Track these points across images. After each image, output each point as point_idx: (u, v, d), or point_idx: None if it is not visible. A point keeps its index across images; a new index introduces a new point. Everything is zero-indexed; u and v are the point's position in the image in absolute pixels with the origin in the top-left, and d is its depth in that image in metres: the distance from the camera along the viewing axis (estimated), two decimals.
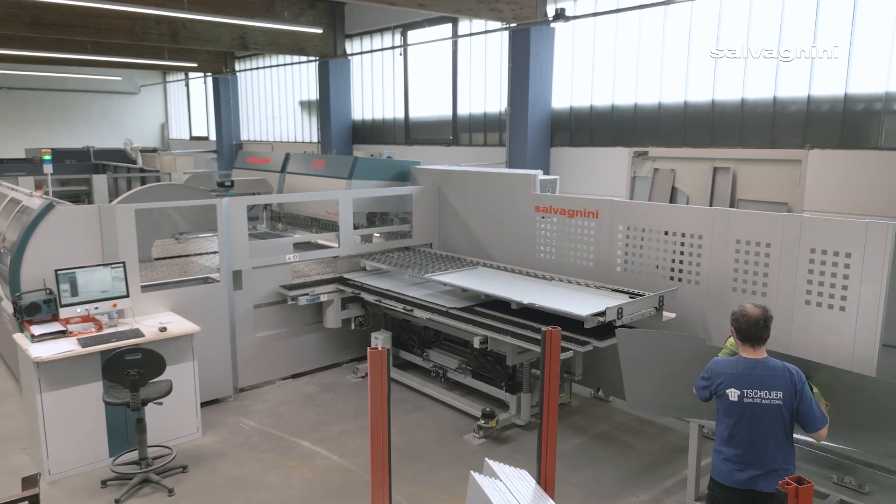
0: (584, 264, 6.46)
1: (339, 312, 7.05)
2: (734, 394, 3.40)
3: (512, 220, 7.09)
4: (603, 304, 5.21)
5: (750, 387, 3.38)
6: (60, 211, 5.45)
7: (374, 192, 7.86)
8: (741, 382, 3.40)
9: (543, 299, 5.49)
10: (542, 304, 5.33)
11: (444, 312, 5.91)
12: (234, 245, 6.49)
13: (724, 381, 3.45)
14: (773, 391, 3.36)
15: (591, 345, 4.94)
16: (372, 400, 2.72)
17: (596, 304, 5.26)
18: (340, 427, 5.97)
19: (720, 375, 3.49)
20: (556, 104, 10.67)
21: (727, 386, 3.43)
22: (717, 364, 3.58)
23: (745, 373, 3.42)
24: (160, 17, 12.51)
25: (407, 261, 7.11)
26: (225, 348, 6.49)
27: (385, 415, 2.75)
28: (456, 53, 12.75)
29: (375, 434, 2.74)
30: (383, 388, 2.73)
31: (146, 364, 4.66)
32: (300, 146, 17.51)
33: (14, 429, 5.89)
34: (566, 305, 5.24)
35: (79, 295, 5.21)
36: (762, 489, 3.37)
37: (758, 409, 3.36)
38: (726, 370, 3.48)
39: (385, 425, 2.75)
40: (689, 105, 8.98)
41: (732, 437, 3.44)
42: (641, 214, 5.98)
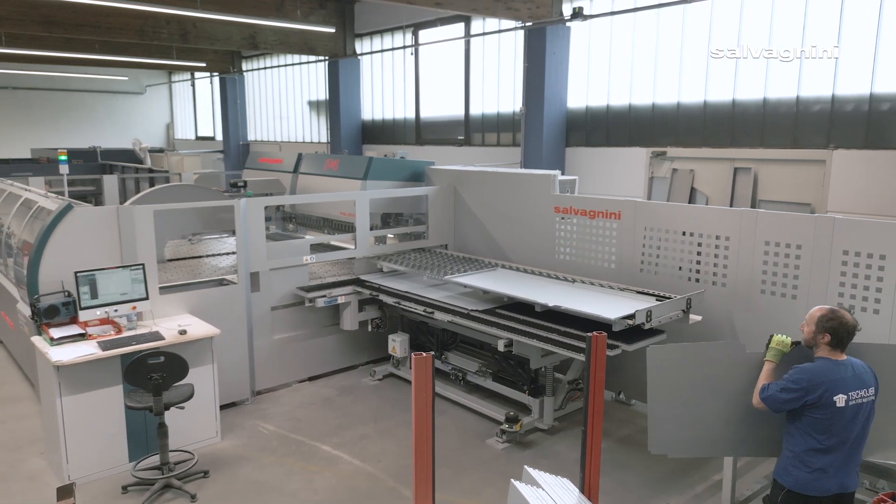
0: (605, 266, 6.38)
1: (357, 314, 6.97)
2: (842, 399, 3.28)
3: (530, 220, 7.01)
4: (630, 307, 5.14)
5: (855, 388, 3.30)
6: (79, 212, 5.38)
7: (391, 192, 7.78)
8: (846, 386, 3.30)
9: (568, 301, 5.40)
10: (567, 306, 5.25)
11: (465, 315, 5.83)
12: (251, 246, 6.42)
13: (828, 389, 3.29)
14: (871, 388, 3.35)
15: (620, 348, 4.86)
16: (416, 408, 2.63)
17: (622, 307, 5.18)
18: (360, 431, 5.90)
19: (820, 384, 3.30)
20: (572, 104, 10.58)
21: (833, 392, 3.29)
22: (812, 373, 3.35)
23: (847, 375, 3.32)
24: (170, 17, 12.43)
25: (424, 262, 7.03)
26: (242, 351, 6.42)
27: (430, 423, 2.66)
28: (468, 53, 12.66)
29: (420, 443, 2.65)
30: (428, 396, 2.64)
31: (169, 368, 4.58)
32: (308, 146, 17.43)
33: (29, 432, 5.82)
34: (593, 308, 5.16)
35: (98, 297, 5.13)
36: (849, 489, 3.33)
37: (860, 409, 3.32)
38: (827, 377, 3.31)
39: (429, 434, 2.67)
40: (708, 105, 8.88)
41: (831, 445, 3.33)
42: (666, 215, 5.90)
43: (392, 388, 6.86)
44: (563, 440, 5.73)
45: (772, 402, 3.44)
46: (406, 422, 6.05)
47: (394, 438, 5.74)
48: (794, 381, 3.36)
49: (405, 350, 6.93)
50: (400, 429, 5.93)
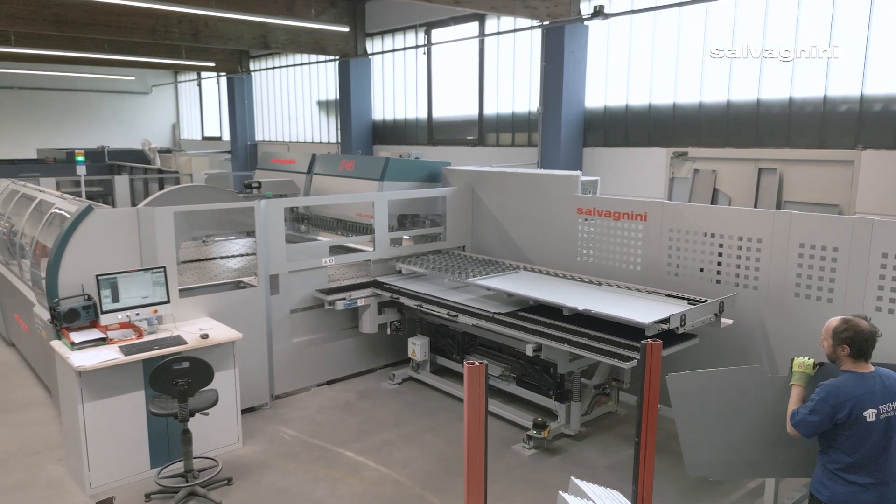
0: (630, 268, 6.28)
1: (376, 317, 6.87)
2: (872, 414, 3.20)
3: (552, 222, 6.91)
4: (662, 310, 5.04)
5: (885, 401, 3.22)
6: (99, 214, 5.28)
7: (410, 193, 7.68)
8: (875, 399, 3.22)
9: (597, 305, 5.30)
10: (598, 310, 5.14)
11: (490, 318, 5.72)
12: (271, 248, 6.32)
13: (856, 404, 3.21)
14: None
15: None
16: (469, 420, 2.52)
17: (654, 311, 5.08)
18: (383, 436, 5.79)
19: (848, 400, 3.21)
20: (589, 103, 10.45)
21: (863, 408, 3.20)
22: (838, 390, 3.26)
23: (875, 388, 3.23)
24: (182, 16, 12.32)
25: (444, 264, 6.93)
26: (261, 355, 6.31)
27: (482, 435, 2.56)
28: (483, 52, 12.53)
29: (472, 459, 2.54)
30: (481, 407, 2.53)
31: (194, 373, 4.48)
32: (318, 147, 17.31)
33: (47, 438, 5.72)
34: (624, 311, 5.05)
35: (120, 301, 5.03)
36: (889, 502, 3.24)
37: (892, 422, 3.24)
38: (853, 392, 3.22)
39: (482, 446, 2.56)
40: (732, 104, 8.75)
41: (863, 459, 3.25)
42: (694, 217, 5.79)
43: (412, 392, 6.75)
44: (591, 446, 5.62)
45: (803, 427, 3.35)
46: (429, 427, 5.95)
47: (417, 444, 5.64)
48: (821, 401, 3.28)
49: (425, 353, 6.83)
50: (423, 434, 5.82)
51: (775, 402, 3.81)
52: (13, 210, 7.54)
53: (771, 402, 3.84)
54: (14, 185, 8.19)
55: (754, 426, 3.87)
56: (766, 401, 3.85)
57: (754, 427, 3.87)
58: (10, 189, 8.09)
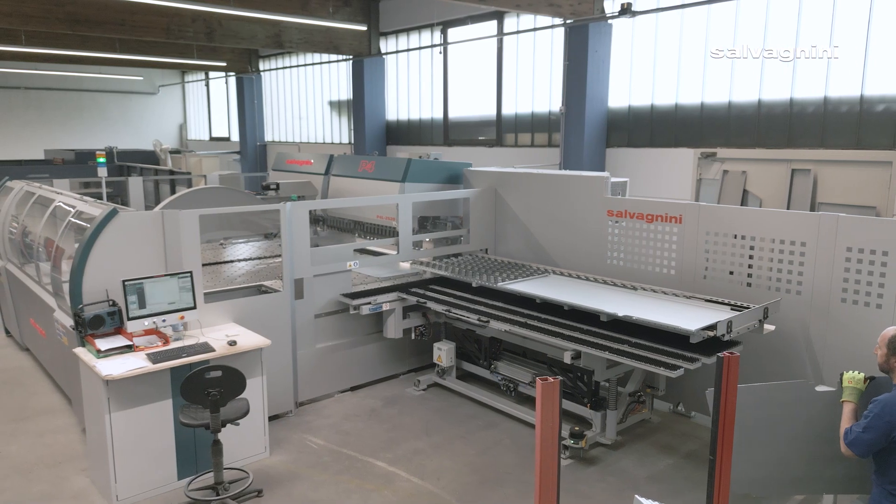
0: (663, 272, 6.12)
1: (401, 322, 6.71)
2: None
3: (580, 224, 6.75)
4: (703, 316, 4.88)
5: None
6: (123, 217, 5.12)
7: (433, 195, 7.53)
8: None
9: (637, 310, 5.13)
10: (639, 316, 4.98)
11: (524, 324, 5.56)
12: (296, 252, 6.16)
13: None
14: None
15: (700, 361, 4.60)
16: (542, 441, 2.36)
17: (697, 317, 4.91)
18: (413, 445, 5.63)
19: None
20: (613, 103, 10.30)
21: None
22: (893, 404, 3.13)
23: None
24: (196, 15, 12.16)
25: (469, 267, 6.77)
26: (286, 361, 6.16)
27: (556, 457, 2.40)
28: (501, 51, 12.36)
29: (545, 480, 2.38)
30: (555, 428, 2.37)
31: (227, 383, 4.33)
32: (329, 147, 17.15)
33: (69, 448, 5.57)
34: (667, 318, 4.88)
35: (146, 307, 4.88)
36: None
37: None
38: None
39: (555, 469, 2.40)
40: (763, 104, 8.59)
41: None
42: (733, 220, 5.62)
43: (438, 398, 6.60)
44: (628, 455, 5.46)
45: (858, 446, 3.21)
46: (459, 435, 5.79)
47: (450, 454, 5.48)
48: (876, 417, 3.13)
49: (451, 359, 6.68)
50: (454, 443, 5.66)
51: (823, 417, 3.68)
52: (29, 212, 7.39)
53: (818, 417, 3.70)
54: (28, 186, 8.03)
55: (801, 442, 3.72)
56: (813, 416, 3.71)
57: (801, 443, 3.73)
58: (25, 191, 7.94)
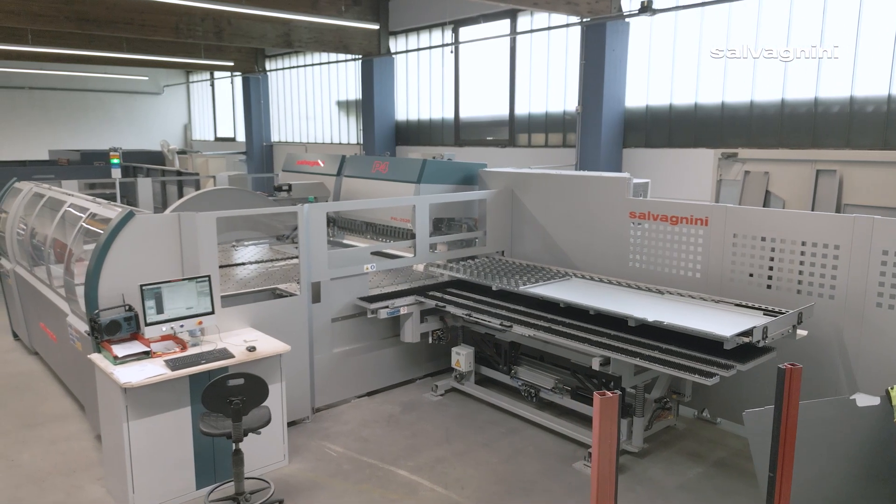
0: (688, 275, 5.99)
1: (418, 326, 6.59)
2: None
3: (600, 226, 6.63)
4: (736, 321, 4.77)
5: None
6: (140, 220, 4.99)
7: (450, 196, 7.41)
8: None
9: (666, 315, 5.00)
10: (671, 321, 4.84)
11: (549, 329, 5.43)
12: (313, 255, 6.04)
13: None
14: None
15: (735, 368, 4.47)
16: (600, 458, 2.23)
17: (728, 322, 4.79)
18: (435, 453, 5.50)
19: None
20: (630, 103, 10.16)
21: None
22: None
23: None
24: (206, 14, 12.02)
25: (488, 270, 6.65)
26: (303, 366, 6.04)
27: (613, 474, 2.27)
28: (514, 50, 12.21)
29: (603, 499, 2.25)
30: (612, 444, 2.24)
31: (249, 391, 4.20)
32: (337, 147, 17.01)
33: (83, 455, 5.45)
34: (698, 323, 4.75)
35: (164, 312, 4.75)
36: None
37: None
38: None
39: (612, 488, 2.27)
40: (787, 103, 8.44)
41: None
42: (761, 222, 5.50)
43: (457, 404, 6.46)
44: (655, 464, 5.33)
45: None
46: (482, 443, 5.66)
47: (473, 462, 5.35)
48: None
49: (470, 364, 6.54)
50: (477, 451, 5.53)
51: (867, 436, 3.52)
52: (39, 214, 7.26)
53: (862, 436, 3.55)
54: (37, 188, 7.90)
55: (846, 462, 3.56)
56: (857, 435, 3.55)
57: (846, 463, 3.56)
58: (34, 192, 7.80)
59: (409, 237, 7.49)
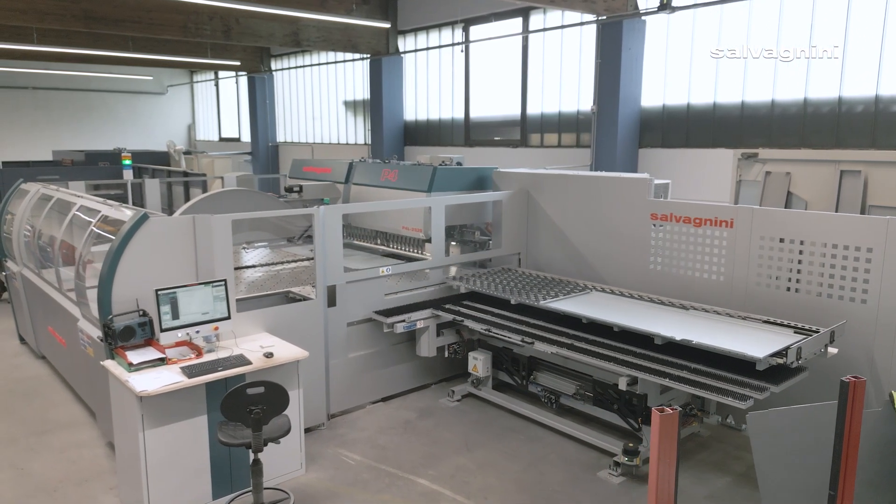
0: (711, 278, 5.86)
1: (434, 340, 6.45)
2: None
3: (621, 228, 6.50)
4: (767, 341, 4.63)
5: None
6: (154, 222, 4.86)
7: (466, 197, 7.29)
8: None
9: (694, 334, 4.79)
10: (699, 340, 4.67)
11: (571, 346, 5.29)
12: (329, 258, 5.90)
13: None
14: None
15: (769, 391, 4.32)
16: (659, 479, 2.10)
17: (759, 341, 4.64)
18: (455, 461, 5.37)
19: None
20: (646, 102, 10.02)
21: None
22: None
23: None
24: (214, 13, 11.88)
25: (504, 282, 6.49)
26: (319, 371, 5.91)
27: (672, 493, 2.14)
28: (526, 49, 12.06)
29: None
30: (672, 462, 2.11)
31: (269, 399, 4.07)
32: (344, 148, 16.85)
33: (94, 463, 5.32)
34: (729, 342, 4.58)
35: (180, 317, 4.62)
36: None
37: None
38: None
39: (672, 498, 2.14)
40: (809, 102, 8.31)
41: None
42: (789, 224, 5.36)
43: (474, 410, 6.33)
44: (682, 473, 5.06)
45: None
46: (503, 451, 5.53)
47: (495, 471, 5.22)
48: None
49: (487, 369, 6.41)
50: (498, 459, 5.40)
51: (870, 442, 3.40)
52: (47, 216, 7.13)
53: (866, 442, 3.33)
54: (45, 189, 7.76)
55: None
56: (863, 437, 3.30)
57: None
58: (41, 193, 7.67)
59: (420, 247, 7.38)
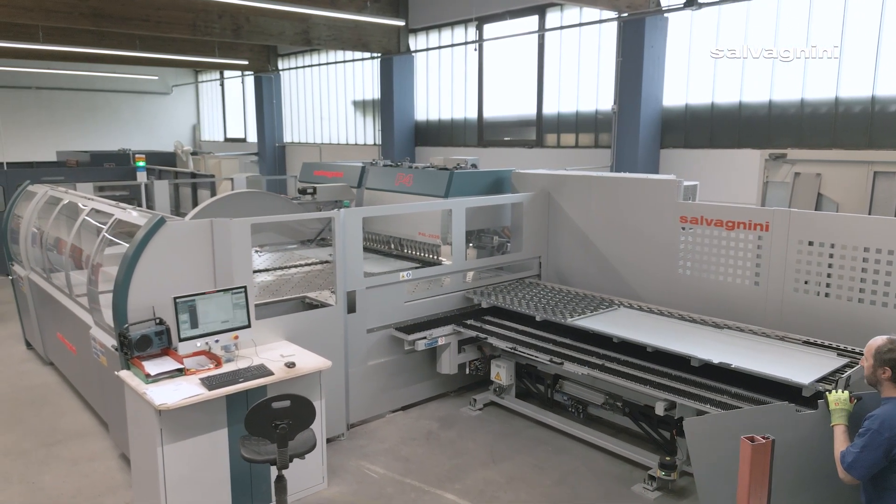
0: (745, 283, 5.66)
1: (456, 356, 6.25)
2: None
3: (648, 231, 6.31)
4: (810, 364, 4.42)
5: None
6: (171, 227, 4.66)
7: (487, 200, 7.09)
8: None
9: (732, 356, 4.56)
10: (739, 364, 4.44)
11: (601, 367, 5.10)
12: (349, 263, 5.70)
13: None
14: None
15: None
16: None
17: (802, 365, 4.43)
18: (482, 474, 5.17)
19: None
20: (668, 101, 9.80)
21: None
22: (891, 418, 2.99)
23: None
24: (223, 10, 11.67)
25: (526, 296, 6.28)
26: (339, 380, 5.71)
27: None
28: (543, 47, 11.83)
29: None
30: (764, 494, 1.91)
31: (296, 414, 3.87)
32: (353, 149, 16.63)
33: (108, 477, 5.12)
34: (770, 366, 4.34)
35: (199, 326, 4.42)
36: None
37: None
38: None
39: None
40: (840, 101, 8.10)
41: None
42: (830, 227, 5.15)
43: (498, 419, 6.12)
44: None
45: (858, 468, 3.03)
46: (531, 463, 5.32)
47: (524, 485, 5.01)
48: (875, 434, 2.99)
49: (511, 377, 6.20)
50: (527, 472, 5.19)
51: (805, 444, 3.48)
52: (56, 219, 6.93)
53: (801, 444, 3.50)
54: (52, 191, 7.57)
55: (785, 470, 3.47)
56: (796, 442, 3.50)
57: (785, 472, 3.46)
58: (49, 196, 7.47)
59: (437, 254, 7.18)
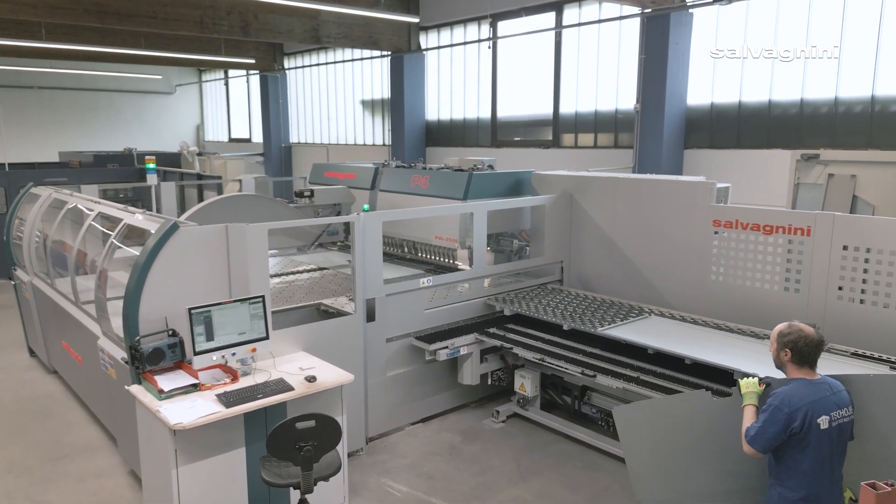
0: (784, 291, 5.38)
1: (478, 366, 5.99)
2: (825, 420, 3.11)
3: (678, 235, 6.04)
4: None
5: (836, 408, 3.15)
6: (185, 232, 4.40)
7: (509, 202, 6.82)
8: (827, 406, 3.13)
9: None
10: None
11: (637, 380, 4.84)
12: (368, 269, 5.44)
13: (810, 411, 3.10)
14: (847, 407, 3.21)
15: None
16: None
17: None
18: (511, 492, 4.90)
19: (800, 407, 3.10)
20: (692, 100, 9.53)
21: (817, 414, 3.10)
22: (790, 396, 3.13)
23: (825, 395, 3.15)
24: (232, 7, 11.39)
25: (554, 306, 6.02)
26: (359, 392, 5.45)
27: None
28: (559, 45, 11.53)
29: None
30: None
31: (321, 435, 3.61)
32: (362, 149, 16.34)
33: (116, 495, 4.87)
34: None
35: (215, 339, 4.16)
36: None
37: (843, 430, 3.19)
38: (805, 398, 3.12)
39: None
40: (877, 100, 7.81)
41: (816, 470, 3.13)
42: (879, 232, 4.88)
43: (522, 432, 5.86)
44: None
45: (759, 441, 3.16)
46: (561, 480, 5.06)
47: (555, 503, 4.75)
48: (776, 410, 3.14)
49: (535, 388, 5.93)
50: (557, 490, 4.93)
51: (722, 429, 3.58)
52: (61, 223, 6.66)
53: (718, 429, 3.61)
54: (57, 193, 7.30)
55: (705, 455, 3.69)
56: (713, 427, 3.64)
57: (706, 456, 3.68)
58: (54, 198, 7.20)
59: (453, 258, 6.92)
